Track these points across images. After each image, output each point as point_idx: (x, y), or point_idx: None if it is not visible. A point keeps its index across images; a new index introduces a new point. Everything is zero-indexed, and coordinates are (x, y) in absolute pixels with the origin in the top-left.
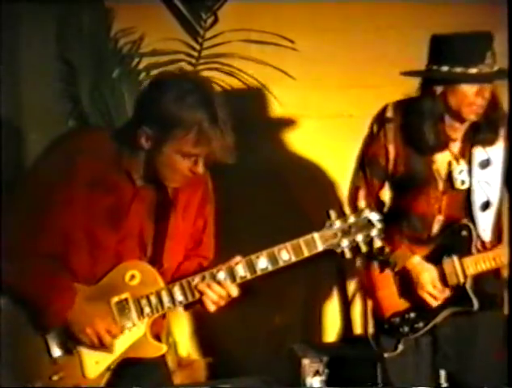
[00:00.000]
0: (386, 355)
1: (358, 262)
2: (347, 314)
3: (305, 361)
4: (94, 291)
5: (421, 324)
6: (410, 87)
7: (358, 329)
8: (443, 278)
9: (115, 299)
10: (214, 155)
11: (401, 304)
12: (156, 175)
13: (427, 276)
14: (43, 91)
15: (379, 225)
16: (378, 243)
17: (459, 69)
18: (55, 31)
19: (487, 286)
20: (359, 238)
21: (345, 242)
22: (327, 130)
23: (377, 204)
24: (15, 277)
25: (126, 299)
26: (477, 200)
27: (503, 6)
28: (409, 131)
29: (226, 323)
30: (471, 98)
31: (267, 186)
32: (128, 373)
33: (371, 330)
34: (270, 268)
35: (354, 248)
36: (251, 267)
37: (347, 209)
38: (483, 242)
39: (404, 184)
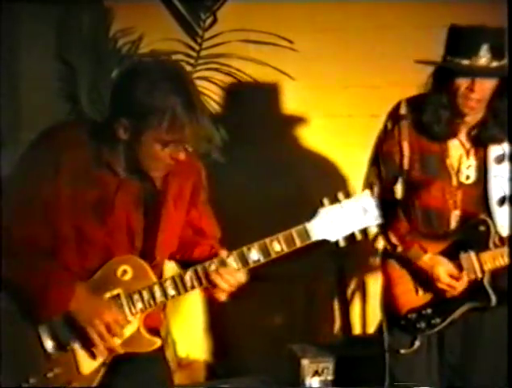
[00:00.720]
0: (402, 351)
1: (376, 259)
2: (347, 313)
3: (304, 361)
4: (87, 287)
5: (438, 320)
6: (410, 87)
7: (357, 329)
8: (459, 272)
9: (108, 295)
10: (188, 141)
11: (418, 300)
12: (138, 166)
13: (441, 269)
14: (42, 91)
15: (374, 212)
16: (373, 230)
17: (466, 62)
18: (54, 31)
19: (504, 282)
20: (354, 225)
21: (338, 231)
22: (327, 130)
23: (391, 200)
24: (9, 272)
25: (118, 295)
26: (494, 195)
27: (503, 5)
28: (422, 122)
29: (226, 323)
30: (463, 91)
31: (267, 185)
32: (123, 368)
33: (385, 326)
34: (263, 260)
35: (350, 237)
36: (243, 259)
37: (341, 196)
38: (501, 238)
39: (420, 180)
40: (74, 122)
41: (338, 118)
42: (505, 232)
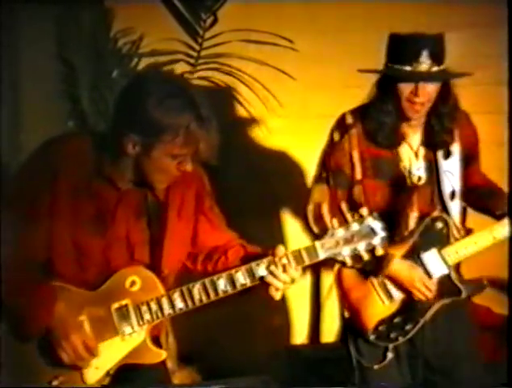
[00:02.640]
0: (376, 366)
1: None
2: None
3: (304, 361)
4: (94, 297)
5: (410, 326)
6: None
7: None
8: (426, 272)
9: (116, 305)
10: (202, 153)
11: (386, 310)
12: (144, 179)
13: (416, 273)
14: (42, 91)
15: (381, 234)
16: (380, 251)
17: (408, 68)
18: (54, 31)
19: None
20: (361, 246)
21: (346, 251)
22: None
23: (341, 215)
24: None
25: (126, 305)
26: (446, 191)
27: (503, 5)
28: (370, 129)
29: (226, 323)
30: (407, 95)
31: (266, 185)
32: (128, 378)
33: (351, 343)
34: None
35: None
36: (251, 274)
37: (349, 217)
38: (459, 230)
39: (374, 186)
40: (76, 134)
41: None
42: (458, 224)
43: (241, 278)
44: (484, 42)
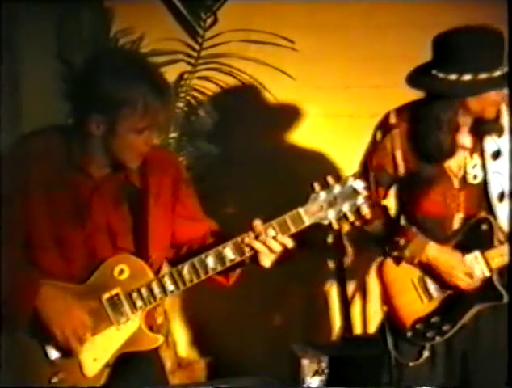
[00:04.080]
0: (411, 364)
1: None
2: (347, 313)
3: (305, 361)
4: (84, 289)
5: (447, 326)
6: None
7: (358, 329)
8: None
9: (106, 295)
10: (162, 125)
11: (424, 309)
12: (114, 159)
13: (451, 260)
14: (42, 91)
15: (364, 193)
16: (365, 210)
17: (467, 77)
18: (54, 31)
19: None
20: (346, 207)
21: (331, 213)
22: (327, 130)
23: (382, 213)
24: None
25: (117, 294)
26: (494, 192)
27: (503, 5)
28: (417, 138)
29: (226, 323)
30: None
31: (263, 185)
32: (127, 367)
33: (390, 339)
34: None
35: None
36: (239, 249)
37: (331, 180)
38: (505, 234)
39: (417, 188)
40: (43, 129)
41: (338, 118)
42: (506, 227)
43: (230, 254)
44: None
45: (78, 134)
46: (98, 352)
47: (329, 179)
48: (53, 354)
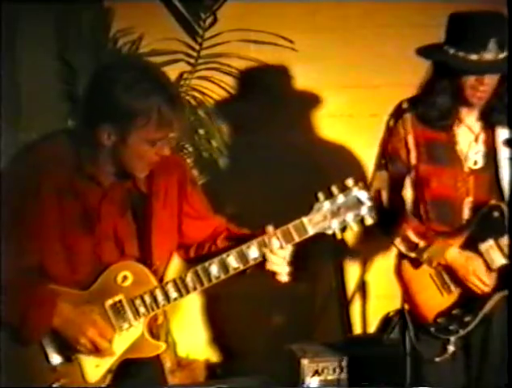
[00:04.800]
0: (437, 359)
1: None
2: (347, 313)
3: (304, 361)
4: (87, 296)
5: (469, 317)
6: (410, 87)
7: (358, 329)
8: (485, 264)
9: (109, 302)
10: (175, 136)
11: (444, 302)
12: (124, 169)
13: (473, 264)
14: (42, 91)
15: (368, 203)
16: (369, 221)
17: (474, 57)
18: (54, 31)
19: None
20: (349, 217)
21: (335, 223)
22: (328, 130)
23: (401, 203)
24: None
25: (120, 301)
26: (505, 178)
27: (503, 5)
28: (425, 110)
29: (226, 323)
30: (472, 83)
31: (268, 185)
32: (129, 373)
33: (412, 335)
34: (261, 258)
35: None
36: (243, 257)
37: (335, 190)
38: None
39: (429, 171)
40: (55, 135)
41: (338, 118)
42: None
43: (234, 262)
44: None
45: (88, 142)
46: (100, 359)
47: (334, 189)
48: (55, 359)
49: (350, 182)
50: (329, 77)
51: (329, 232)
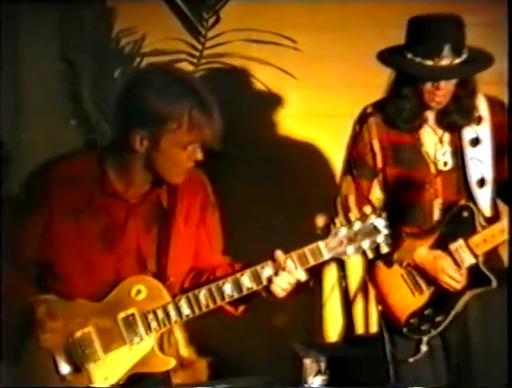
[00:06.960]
0: (411, 359)
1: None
2: (349, 313)
3: (307, 361)
4: (100, 307)
5: (441, 317)
6: None
7: (360, 328)
8: (455, 263)
9: (122, 315)
10: (207, 140)
11: (416, 303)
12: (157, 175)
13: (441, 262)
14: (44, 91)
15: (385, 231)
16: (384, 249)
17: (430, 62)
18: (56, 30)
19: (498, 262)
20: (365, 244)
21: (350, 250)
22: (329, 130)
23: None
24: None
25: (133, 314)
26: (473, 178)
27: (503, 5)
28: (389, 113)
29: (227, 323)
30: (429, 89)
31: (268, 184)
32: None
33: (386, 337)
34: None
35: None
36: (256, 277)
37: (353, 216)
38: (486, 219)
39: (397, 175)
40: (72, 154)
41: (341, 117)
42: (488, 213)
43: (247, 282)
44: (484, 42)
45: (116, 153)
46: (109, 371)
47: (351, 216)
48: (64, 369)
49: (367, 209)
50: (331, 76)
51: (344, 257)
